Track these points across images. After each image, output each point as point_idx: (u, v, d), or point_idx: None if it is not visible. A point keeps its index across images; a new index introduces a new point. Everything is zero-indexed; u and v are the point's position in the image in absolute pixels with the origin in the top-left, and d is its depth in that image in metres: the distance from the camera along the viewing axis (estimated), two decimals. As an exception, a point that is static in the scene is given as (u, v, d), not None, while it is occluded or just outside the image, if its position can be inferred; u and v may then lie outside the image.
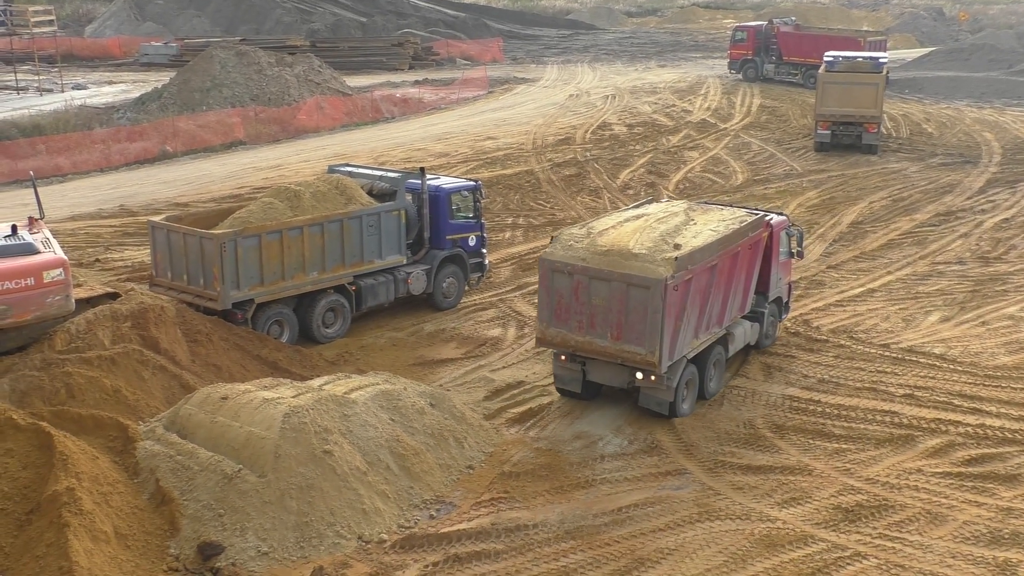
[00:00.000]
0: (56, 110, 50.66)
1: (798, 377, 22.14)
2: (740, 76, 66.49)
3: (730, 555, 15.49)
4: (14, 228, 19.22)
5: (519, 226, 34.16)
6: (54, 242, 19.30)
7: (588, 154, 44.62)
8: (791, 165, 43.68)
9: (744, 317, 21.95)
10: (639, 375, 19.07)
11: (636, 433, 19.36)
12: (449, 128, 51.36)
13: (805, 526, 16.34)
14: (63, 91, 60.26)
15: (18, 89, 61.07)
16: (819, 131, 45.94)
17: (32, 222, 20.26)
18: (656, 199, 23.59)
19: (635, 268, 18.51)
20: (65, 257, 18.73)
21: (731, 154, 45.54)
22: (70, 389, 17.61)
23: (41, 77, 63.08)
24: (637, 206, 22.47)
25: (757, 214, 22.40)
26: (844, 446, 19.05)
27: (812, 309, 26.45)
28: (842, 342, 24.11)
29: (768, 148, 46.91)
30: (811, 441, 19.24)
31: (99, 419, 16.74)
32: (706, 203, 24.60)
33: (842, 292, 27.88)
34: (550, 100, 59.65)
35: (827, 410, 20.53)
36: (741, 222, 21.21)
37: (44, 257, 18.34)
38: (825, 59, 47.12)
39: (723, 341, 21.01)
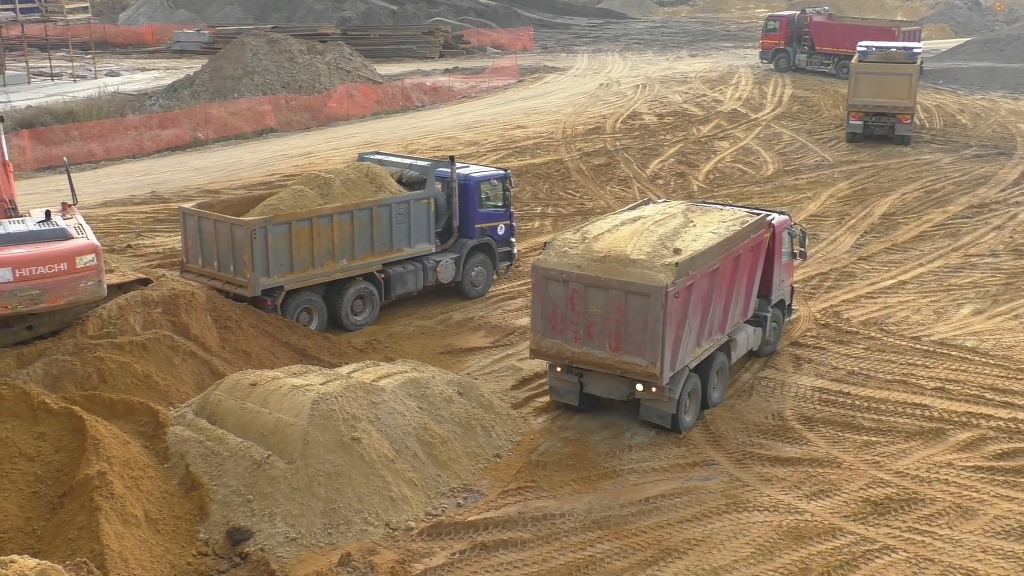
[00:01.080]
0: (89, 96, 51.12)
1: (828, 369, 22.01)
2: (772, 66, 66.04)
3: (758, 547, 15.44)
4: (48, 213, 19.39)
5: (548, 215, 34.12)
6: (87, 228, 19.46)
7: (618, 143, 44.48)
8: (822, 156, 43.36)
9: (746, 322, 21.23)
10: (639, 387, 18.23)
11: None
12: (479, 117, 51.33)
13: (834, 519, 16.25)
14: (96, 78, 60.77)
15: (52, 75, 61.61)
16: (851, 121, 45.59)
17: (65, 208, 20.43)
18: (652, 199, 22.76)
19: (634, 275, 17.64)
20: (97, 243, 18.87)
21: (762, 144, 45.26)
22: (102, 374, 17.79)
23: (75, 64, 63.62)
24: (633, 207, 21.58)
25: (758, 214, 21.56)
26: (874, 439, 18.93)
27: (843, 301, 26.27)
28: (872, 334, 23.94)
29: (799, 139, 46.59)
30: (840, 433, 19.13)
31: (130, 404, 16.91)
32: (704, 202, 23.84)
33: (873, 284, 27.66)
34: (580, 89, 59.49)
35: (857, 402, 20.40)
36: (742, 223, 20.34)
37: (77, 242, 18.48)
38: (858, 49, 46.74)
39: (726, 348, 20.21)
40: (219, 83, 52.12)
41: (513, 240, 27.22)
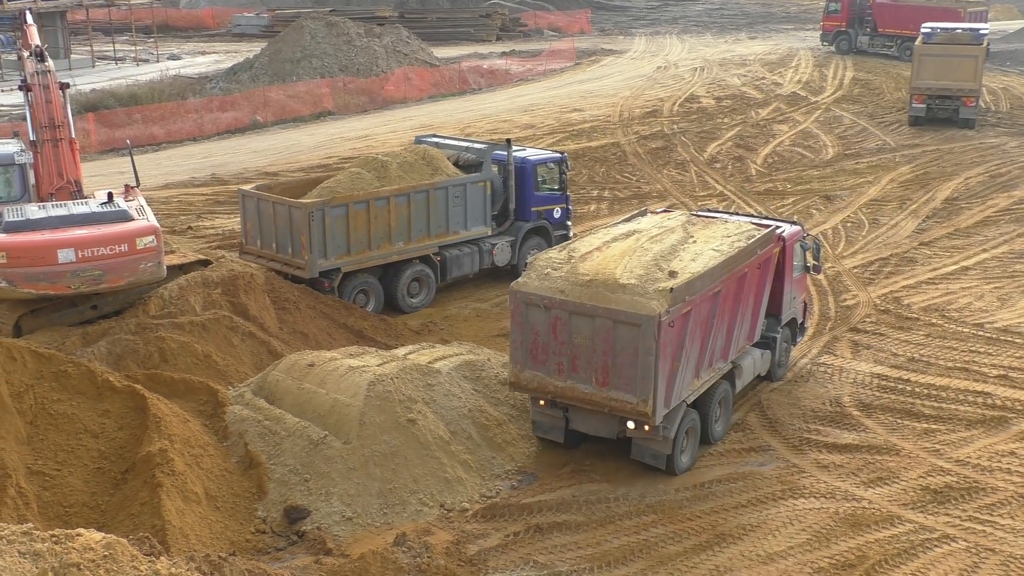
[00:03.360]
0: (151, 80, 51.85)
1: (887, 355, 21.73)
2: (833, 48, 64.99)
3: (813, 533, 15.33)
4: (110, 195, 19.74)
5: (604, 199, 34.02)
6: (148, 209, 19.79)
7: (675, 127, 44.20)
8: (884, 139, 42.69)
9: (754, 345, 19.23)
10: (631, 425, 16.34)
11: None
12: (535, 100, 51.23)
13: (892, 506, 16.07)
14: (158, 61, 61.58)
15: (116, 59, 62.53)
16: (914, 105, 44.79)
17: (128, 190, 20.78)
18: (651, 210, 20.80)
19: (622, 302, 15.67)
20: (158, 224, 19.19)
21: (822, 128, 44.67)
22: (163, 353, 18.10)
23: (138, 47, 64.50)
24: (628, 219, 19.54)
25: (767, 226, 19.52)
26: (934, 426, 18.67)
27: (903, 286, 25.90)
28: (934, 320, 23.59)
29: (860, 122, 45.90)
30: (899, 421, 18.90)
31: (190, 383, 17.17)
32: (709, 212, 21.93)
33: (935, 269, 27.24)
34: (637, 72, 59.10)
35: (917, 389, 20.13)
36: (748, 238, 18.31)
37: (137, 224, 18.80)
38: (922, 30, 45.86)
39: (729, 376, 18.26)
40: (278, 66, 52.52)
41: (569, 223, 27.17)
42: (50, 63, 21.42)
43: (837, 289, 25.55)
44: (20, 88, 21.67)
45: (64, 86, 21.25)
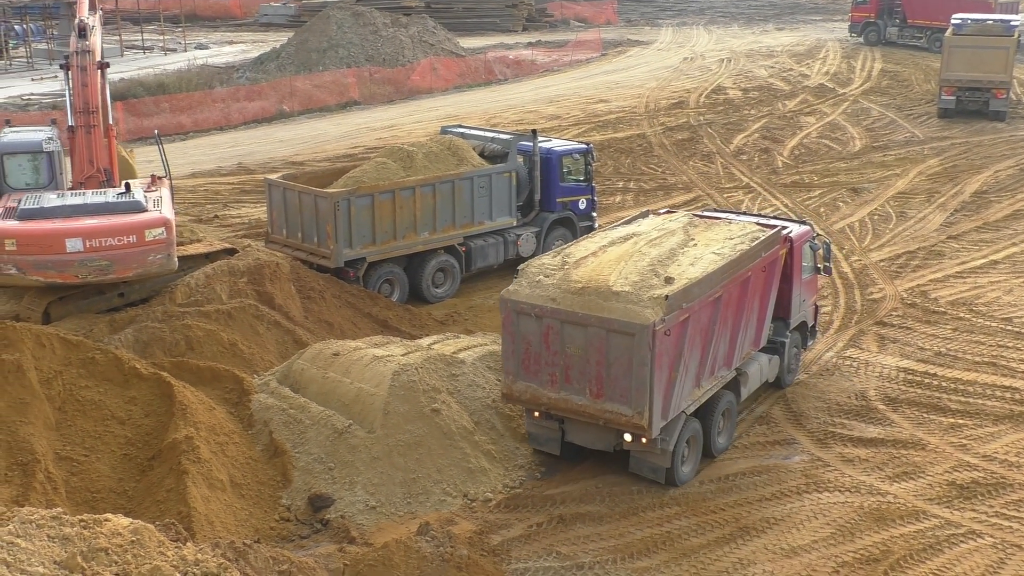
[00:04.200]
0: (179, 69, 52.06)
1: (914, 349, 21.59)
2: (861, 39, 64.51)
3: (838, 527, 15.27)
4: (127, 185, 19.68)
5: (630, 190, 33.93)
6: (167, 201, 19.62)
7: (701, 118, 44.01)
8: (912, 132, 42.35)
9: (761, 350, 18.60)
10: (627, 437, 15.74)
11: (745, 402, 19.07)
12: (561, 90, 51.15)
13: (917, 501, 15.98)
14: (186, 51, 61.82)
15: (144, 48, 62.82)
16: (943, 97, 44.41)
17: (154, 180, 20.78)
18: (653, 212, 20.13)
19: (616, 311, 15.08)
20: (170, 216, 18.93)
21: (849, 120, 44.36)
22: (189, 341, 18.20)
23: (166, 37, 64.80)
24: (628, 222, 18.91)
25: (772, 227, 18.85)
26: (960, 421, 18.55)
27: (930, 280, 25.71)
28: (961, 315, 23.42)
29: (888, 114, 45.55)
30: (925, 415, 18.78)
31: (216, 371, 17.28)
32: (713, 212, 21.25)
33: (963, 263, 27.02)
34: (664, 63, 58.88)
35: (943, 384, 20.00)
36: (752, 240, 17.61)
37: (148, 215, 18.61)
38: (952, 22, 45.47)
39: (734, 384, 17.57)
40: (304, 56, 52.63)
41: (594, 215, 27.13)
42: (91, 42, 21.08)
43: (864, 282, 25.41)
44: (62, 67, 21.43)
45: (103, 65, 21.06)
